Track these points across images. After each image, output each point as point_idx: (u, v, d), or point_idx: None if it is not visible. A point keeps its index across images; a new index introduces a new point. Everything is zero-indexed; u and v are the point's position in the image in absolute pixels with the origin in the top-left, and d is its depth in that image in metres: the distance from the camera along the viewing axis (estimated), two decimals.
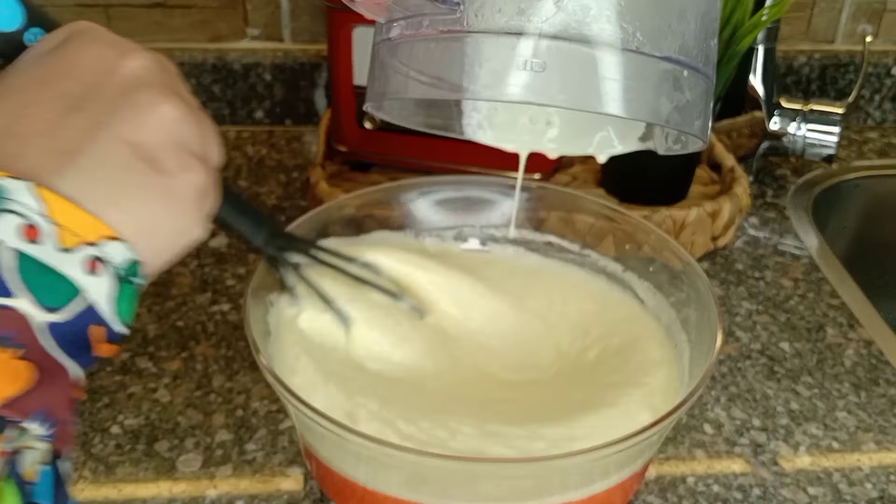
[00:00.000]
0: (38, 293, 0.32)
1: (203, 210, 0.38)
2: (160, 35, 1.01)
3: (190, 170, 0.36)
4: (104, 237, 0.34)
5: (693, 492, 0.60)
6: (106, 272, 0.34)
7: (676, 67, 0.40)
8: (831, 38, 1.08)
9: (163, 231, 0.36)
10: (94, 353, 0.35)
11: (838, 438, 0.65)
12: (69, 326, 0.33)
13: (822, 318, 0.77)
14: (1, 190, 0.31)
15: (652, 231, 0.64)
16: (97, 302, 0.34)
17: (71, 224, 0.33)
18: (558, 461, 0.48)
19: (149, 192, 0.35)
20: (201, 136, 0.38)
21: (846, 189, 0.99)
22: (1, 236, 0.31)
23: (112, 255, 0.34)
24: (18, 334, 0.31)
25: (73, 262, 0.33)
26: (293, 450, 0.61)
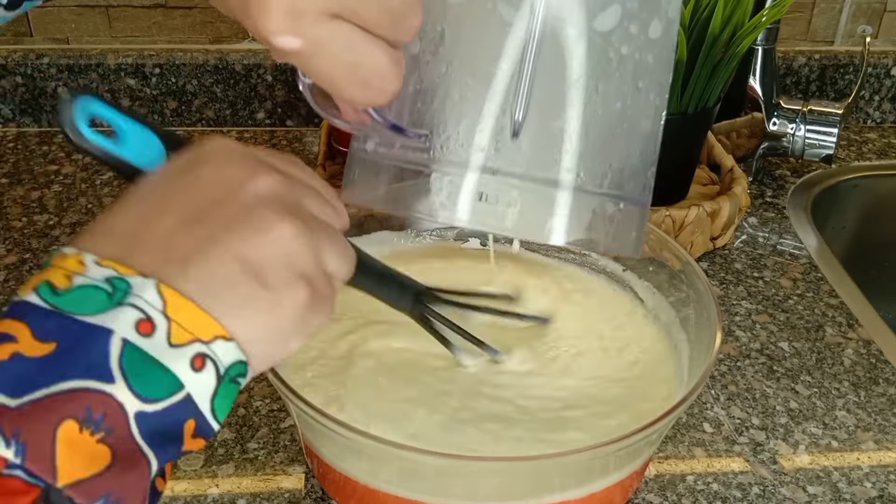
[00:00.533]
0: (135, 382, 0.32)
1: (304, 325, 0.38)
2: (161, 36, 1.01)
3: (294, 288, 0.37)
4: (216, 336, 0.35)
5: (692, 490, 0.60)
6: (211, 370, 0.35)
7: (612, 200, 0.45)
8: (831, 39, 1.09)
9: (263, 340, 0.37)
10: (183, 448, 0.35)
11: (837, 437, 0.65)
12: (162, 417, 0.33)
13: (821, 317, 0.77)
14: (129, 285, 0.33)
15: (651, 231, 0.64)
16: (196, 398, 0.35)
17: (186, 321, 0.34)
18: (558, 460, 0.48)
19: (254, 305, 0.36)
20: (314, 254, 0.39)
21: (845, 189, 0.99)
22: (114, 326, 0.33)
23: (221, 354, 0.35)
24: (107, 418, 0.32)
25: (181, 358, 0.34)
26: (294, 448, 0.62)
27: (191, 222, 0.36)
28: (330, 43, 0.37)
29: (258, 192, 0.38)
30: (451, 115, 0.43)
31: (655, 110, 0.47)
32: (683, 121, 0.81)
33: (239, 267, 0.36)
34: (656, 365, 0.60)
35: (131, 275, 0.34)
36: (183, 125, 1.04)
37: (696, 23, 0.76)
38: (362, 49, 0.37)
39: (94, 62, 0.99)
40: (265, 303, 0.36)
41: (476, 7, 0.43)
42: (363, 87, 0.39)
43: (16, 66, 0.98)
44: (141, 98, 1.01)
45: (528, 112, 0.43)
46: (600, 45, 0.43)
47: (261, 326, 0.36)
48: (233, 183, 0.38)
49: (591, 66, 0.43)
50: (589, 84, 0.43)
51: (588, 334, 0.62)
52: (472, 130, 0.43)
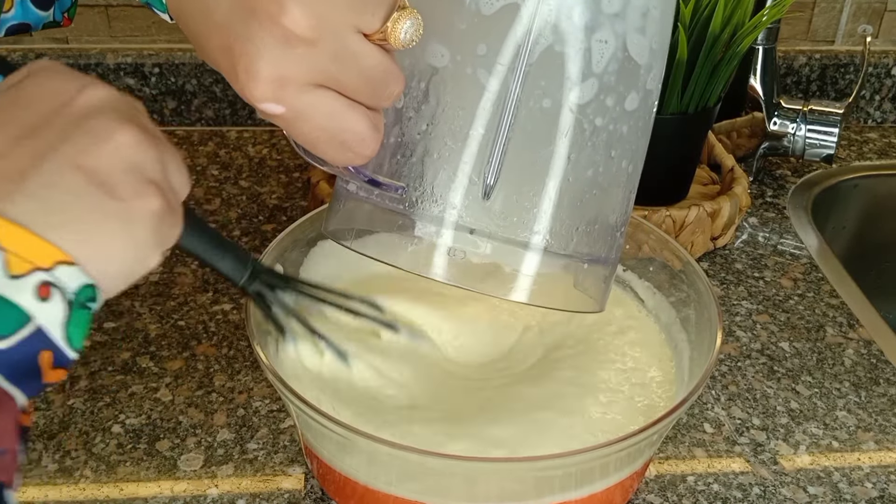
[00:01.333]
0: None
1: (160, 237, 0.37)
2: (160, 35, 1.01)
3: (145, 195, 0.35)
4: (58, 262, 0.33)
5: (693, 491, 0.60)
6: (58, 297, 0.33)
7: (578, 261, 0.47)
8: (831, 39, 1.08)
9: (117, 256, 0.35)
10: (43, 380, 0.34)
11: (838, 438, 0.65)
12: (17, 353, 0.32)
13: (821, 317, 0.77)
14: None
15: (652, 231, 0.64)
16: (48, 328, 0.33)
17: (22, 250, 0.32)
18: (558, 460, 0.48)
19: (102, 216, 0.34)
20: (160, 163, 0.37)
21: (846, 189, 0.99)
22: None
23: (65, 280, 0.33)
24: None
25: (24, 289, 0.32)
26: (294, 449, 0.62)
27: (23, 137, 0.34)
28: (312, 111, 0.38)
29: (92, 102, 0.36)
30: (428, 171, 0.45)
31: (628, 177, 0.49)
32: (684, 120, 0.81)
33: (83, 177, 0.34)
34: (656, 365, 0.60)
35: None
36: (182, 125, 1.04)
37: (697, 22, 0.76)
38: (342, 116, 0.39)
39: (93, 62, 0.99)
40: (115, 214, 0.34)
41: (458, 71, 0.44)
42: (342, 151, 0.40)
43: (15, 66, 0.98)
44: (140, 97, 1.01)
45: (501, 175, 0.45)
46: (575, 117, 0.44)
47: (114, 241, 0.35)
48: (63, 95, 0.36)
49: (565, 136, 0.45)
50: (561, 153, 0.45)
51: (588, 334, 0.62)
52: (446, 188, 0.45)
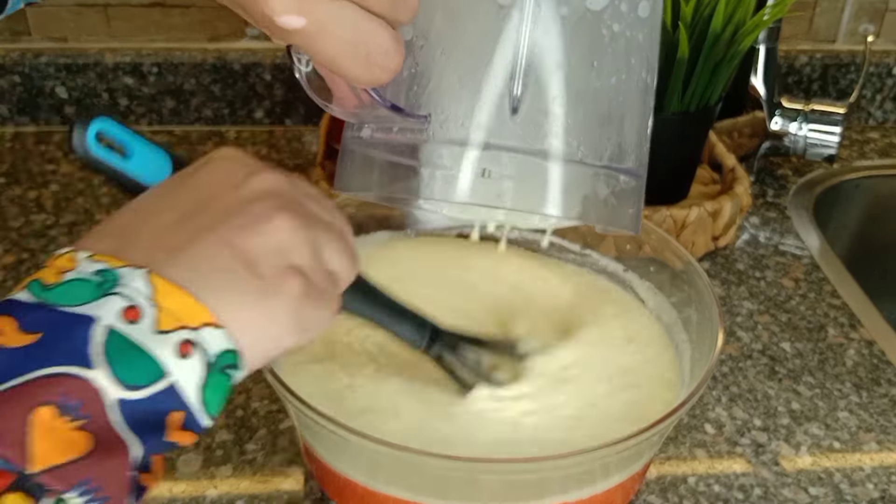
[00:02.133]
0: (116, 368, 0.32)
1: (300, 319, 0.38)
2: (159, 35, 1.01)
3: (286, 277, 0.37)
4: (205, 323, 0.34)
5: (694, 492, 0.60)
6: (198, 357, 0.34)
7: (611, 172, 0.46)
8: (833, 38, 1.08)
9: (256, 333, 0.36)
10: (167, 439, 0.34)
11: (840, 438, 0.64)
12: (144, 405, 0.33)
13: (823, 318, 0.77)
14: (116, 276, 0.33)
15: (653, 231, 0.64)
16: (182, 387, 0.34)
17: (174, 307, 0.34)
18: (558, 461, 0.48)
19: (245, 293, 0.36)
20: (312, 248, 0.38)
21: (847, 189, 0.99)
22: (99, 314, 0.32)
23: (209, 341, 0.34)
24: (85, 405, 0.31)
25: (166, 344, 0.33)
26: (293, 450, 0.61)
27: (186, 218, 0.36)
28: (334, 22, 0.37)
29: (257, 187, 0.38)
30: (449, 95, 0.44)
31: (647, 87, 0.48)
32: (685, 120, 0.80)
33: (230, 253, 0.36)
34: (657, 366, 0.60)
35: (120, 266, 0.34)
36: (181, 124, 1.03)
37: (698, 21, 0.76)
38: (365, 27, 0.37)
39: (91, 61, 0.98)
40: (256, 290, 0.36)
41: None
42: (367, 66, 0.38)
43: (13, 65, 0.98)
44: (139, 97, 1.01)
45: (527, 88, 0.43)
46: (593, 23, 0.44)
47: (253, 316, 0.36)
48: (231, 180, 0.38)
49: (586, 43, 0.44)
50: (584, 60, 0.44)
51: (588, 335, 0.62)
52: (471, 109, 0.43)
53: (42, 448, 0.30)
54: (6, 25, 0.98)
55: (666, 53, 0.77)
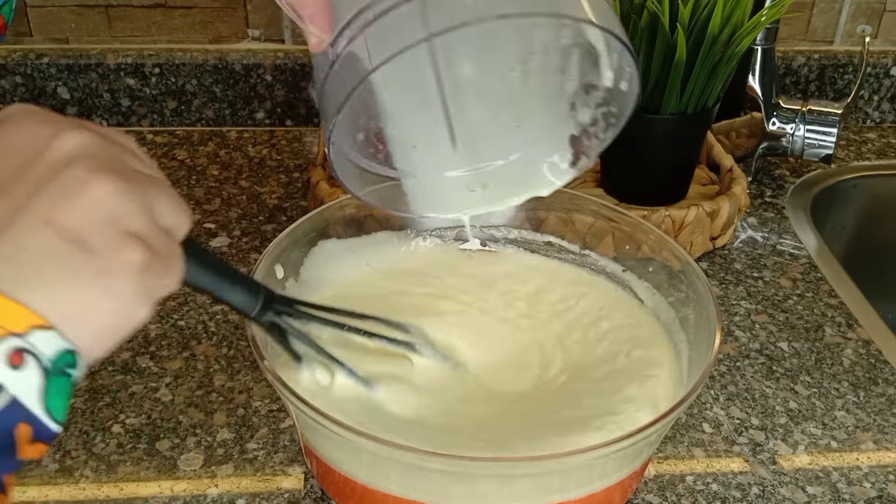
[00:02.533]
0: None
1: (147, 289, 0.34)
2: (160, 36, 1.01)
3: (124, 248, 0.33)
4: (33, 326, 0.31)
5: (692, 490, 0.60)
6: (33, 365, 0.31)
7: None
8: (830, 39, 1.09)
9: (99, 315, 0.33)
10: (19, 456, 0.32)
11: (837, 438, 0.65)
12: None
13: (820, 317, 0.77)
14: None
15: (651, 231, 0.64)
16: (23, 399, 0.31)
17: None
18: (558, 461, 0.48)
19: (79, 275, 0.32)
20: (145, 209, 0.35)
21: (844, 189, 0.99)
22: None
23: (41, 346, 0.31)
24: None
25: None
26: (294, 449, 0.62)
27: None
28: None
29: (65, 151, 0.34)
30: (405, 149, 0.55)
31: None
32: (683, 121, 0.81)
33: (54, 234, 0.32)
34: (655, 365, 0.60)
35: None
36: (182, 125, 1.04)
37: (696, 23, 0.76)
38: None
39: (93, 62, 0.99)
40: (92, 271, 0.32)
41: (396, 75, 0.50)
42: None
43: (15, 66, 0.98)
44: (140, 98, 1.01)
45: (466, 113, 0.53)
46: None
47: (93, 300, 0.33)
48: (36, 143, 0.34)
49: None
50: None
51: (587, 335, 0.62)
52: (434, 148, 0.54)
53: None
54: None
55: (664, 55, 0.77)
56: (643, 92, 0.79)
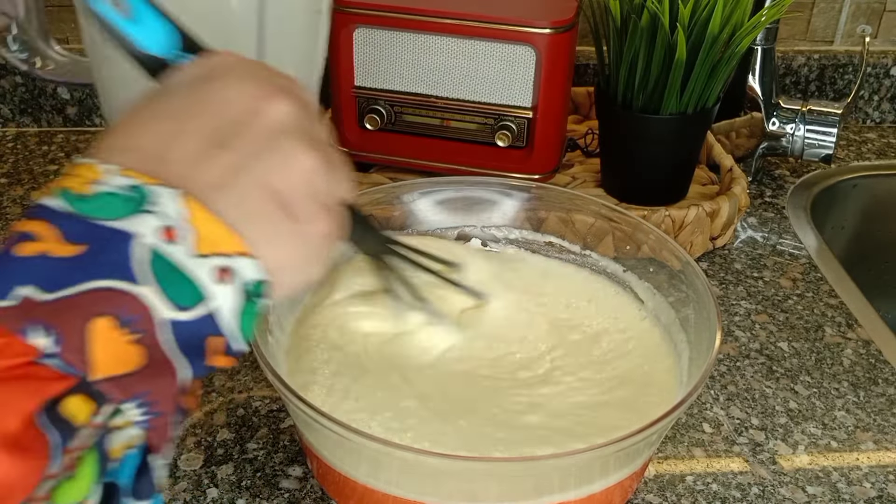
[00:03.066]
0: (162, 288, 0.33)
1: (325, 254, 0.40)
2: None
3: (318, 220, 0.38)
4: (238, 252, 0.35)
5: (692, 490, 0.60)
6: (234, 284, 0.35)
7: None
8: (830, 39, 1.09)
9: (288, 269, 0.38)
10: (208, 363, 0.35)
11: (837, 437, 0.65)
12: (189, 329, 0.33)
13: (820, 317, 0.77)
14: (148, 194, 0.34)
15: (651, 231, 0.64)
16: (221, 312, 0.35)
17: (210, 234, 0.34)
18: (558, 461, 0.48)
19: (280, 234, 0.37)
20: (332, 184, 0.40)
21: (844, 189, 0.99)
22: (137, 230, 0.33)
23: (243, 270, 0.35)
24: (140, 321, 0.32)
25: (204, 268, 0.34)
26: (294, 448, 0.62)
27: (215, 146, 0.36)
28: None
29: (279, 118, 0.38)
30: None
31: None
32: (683, 120, 0.81)
33: (265, 195, 0.36)
34: (656, 365, 0.60)
35: (154, 183, 0.34)
36: None
37: (696, 23, 0.76)
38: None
39: None
40: (291, 234, 0.37)
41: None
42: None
43: (15, 66, 0.98)
44: None
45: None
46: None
47: (286, 256, 0.37)
48: (251, 104, 0.38)
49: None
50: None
51: (587, 334, 0.62)
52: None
53: (101, 357, 0.31)
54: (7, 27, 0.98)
55: (664, 55, 0.77)
56: (645, 92, 0.80)
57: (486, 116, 0.83)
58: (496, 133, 0.83)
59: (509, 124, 0.83)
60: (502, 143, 0.83)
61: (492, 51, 0.80)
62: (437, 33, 0.79)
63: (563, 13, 0.79)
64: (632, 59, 0.79)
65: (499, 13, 0.78)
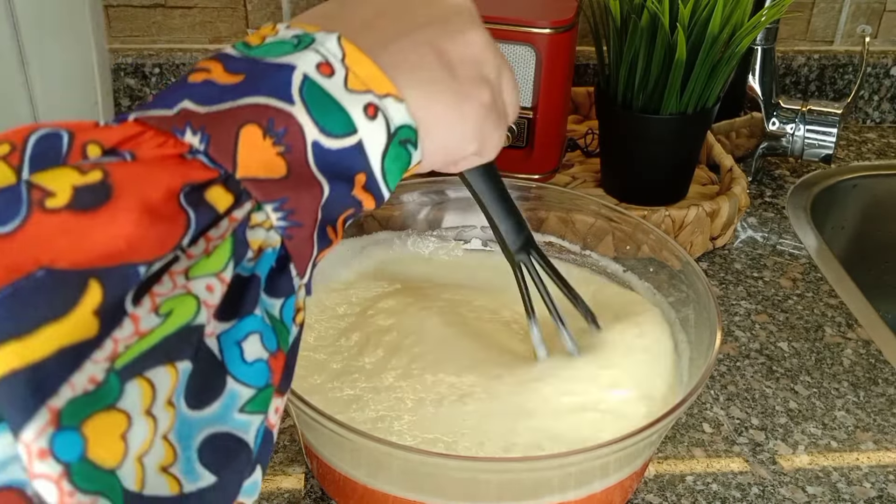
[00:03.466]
0: (314, 111, 0.33)
1: (482, 130, 0.40)
2: (160, 36, 1.01)
3: (480, 86, 0.39)
4: (389, 94, 0.35)
5: (692, 490, 0.60)
6: (382, 122, 0.35)
7: None
8: (830, 39, 1.09)
9: (441, 128, 0.38)
10: (354, 193, 0.36)
11: (837, 437, 0.65)
12: (337, 156, 0.34)
13: (820, 317, 0.77)
14: (312, 38, 0.35)
15: (651, 231, 0.64)
16: (368, 148, 0.35)
17: (363, 73, 0.35)
18: (558, 460, 0.48)
19: (441, 90, 0.38)
20: (498, 70, 0.41)
21: (844, 189, 0.99)
22: (296, 62, 0.34)
23: (392, 112, 0.35)
24: (288, 135, 0.33)
25: (355, 102, 0.34)
26: (294, 448, 0.62)
27: (388, 15, 0.38)
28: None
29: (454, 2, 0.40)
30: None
31: None
32: (683, 120, 0.81)
33: (434, 53, 0.38)
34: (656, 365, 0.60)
35: (317, 31, 0.35)
36: None
37: (696, 22, 0.76)
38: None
39: None
40: (452, 91, 0.38)
41: None
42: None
43: None
44: (140, 98, 1.01)
45: None
46: None
47: (445, 110, 0.38)
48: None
49: None
50: None
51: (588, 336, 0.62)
52: None
53: (247, 159, 0.32)
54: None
55: (664, 55, 0.77)
56: (645, 92, 0.80)
57: None
58: None
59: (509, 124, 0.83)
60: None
61: None
62: None
63: (563, 13, 0.79)
64: (632, 59, 0.79)
65: (499, 13, 0.78)
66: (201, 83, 0.33)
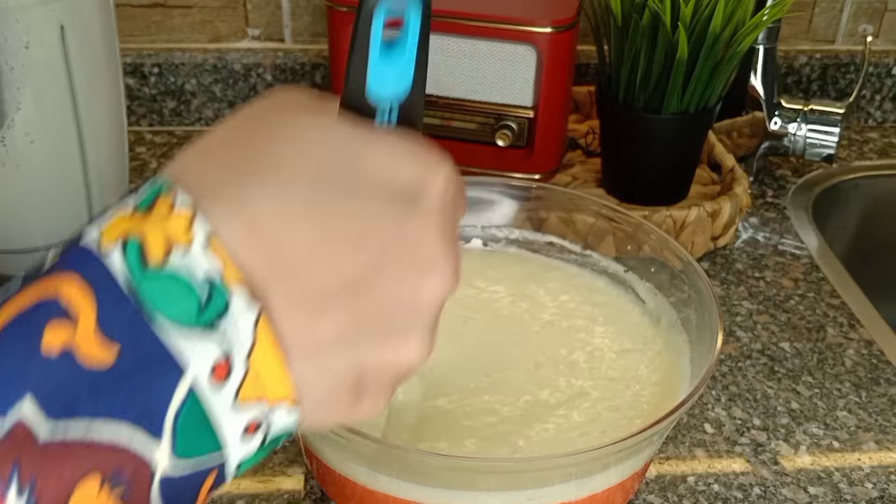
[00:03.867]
0: (181, 447, 0.28)
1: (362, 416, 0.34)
2: (160, 35, 1.01)
3: (381, 400, 0.33)
4: (283, 399, 0.30)
5: (693, 491, 0.60)
6: (259, 437, 0.30)
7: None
8: (832, 38, 1.08)
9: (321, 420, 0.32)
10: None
11: (839, 438, 0.65)
12: (186, 480, 0.29)
13: (822, 317, 0.77)
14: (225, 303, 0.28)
15: (652, 231, 0.64)
16: (231, 462, 0.30)
17: (265, 374, 0.29)
18: (558, 461, 0.48)
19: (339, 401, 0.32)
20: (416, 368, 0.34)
21: (846, 189, 0.99)
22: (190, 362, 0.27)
23: (276, 423, 0.30)
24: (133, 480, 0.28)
25: (237, 422, 0.29)
26: (294, 449, 0.62)
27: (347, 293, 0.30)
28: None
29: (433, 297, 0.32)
30: None
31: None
32: (684, 120, 0.81)
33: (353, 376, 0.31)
34: (657, 365, 0.60)
35: (236, 286, 0.28)
36: (182, 125, 1.03)
37: (697, 22, 0.76)
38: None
39: None
40: (348, 403, 0.32)
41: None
42: None
43: None
44: (140, 97, 1.01)
45: None
46: None
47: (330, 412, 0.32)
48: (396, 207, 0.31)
49: None
50: None
51: (588, 334, 0.62)
52: None
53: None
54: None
55: (665, 54, 0.77)
56: (647, 92, 0.79)
57: (486, 116, 0.83)
58: (497, 133, 0.83)
59: (510, 124, 0.83)
60: (503, 143, 0.83)
61: (492, 50, 0.80)
62: (437, 32, 0.79)
63: (564, 12, 0.79)
64: (633, 58, 0.78)
65: (499, 12, 0.78)
66: (57, 358, 0.26)
